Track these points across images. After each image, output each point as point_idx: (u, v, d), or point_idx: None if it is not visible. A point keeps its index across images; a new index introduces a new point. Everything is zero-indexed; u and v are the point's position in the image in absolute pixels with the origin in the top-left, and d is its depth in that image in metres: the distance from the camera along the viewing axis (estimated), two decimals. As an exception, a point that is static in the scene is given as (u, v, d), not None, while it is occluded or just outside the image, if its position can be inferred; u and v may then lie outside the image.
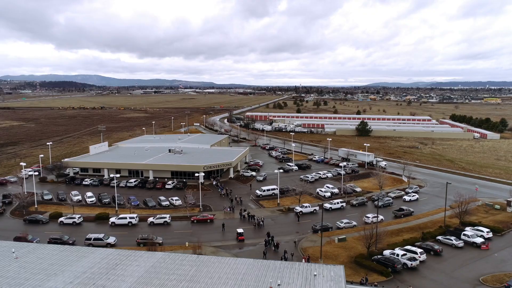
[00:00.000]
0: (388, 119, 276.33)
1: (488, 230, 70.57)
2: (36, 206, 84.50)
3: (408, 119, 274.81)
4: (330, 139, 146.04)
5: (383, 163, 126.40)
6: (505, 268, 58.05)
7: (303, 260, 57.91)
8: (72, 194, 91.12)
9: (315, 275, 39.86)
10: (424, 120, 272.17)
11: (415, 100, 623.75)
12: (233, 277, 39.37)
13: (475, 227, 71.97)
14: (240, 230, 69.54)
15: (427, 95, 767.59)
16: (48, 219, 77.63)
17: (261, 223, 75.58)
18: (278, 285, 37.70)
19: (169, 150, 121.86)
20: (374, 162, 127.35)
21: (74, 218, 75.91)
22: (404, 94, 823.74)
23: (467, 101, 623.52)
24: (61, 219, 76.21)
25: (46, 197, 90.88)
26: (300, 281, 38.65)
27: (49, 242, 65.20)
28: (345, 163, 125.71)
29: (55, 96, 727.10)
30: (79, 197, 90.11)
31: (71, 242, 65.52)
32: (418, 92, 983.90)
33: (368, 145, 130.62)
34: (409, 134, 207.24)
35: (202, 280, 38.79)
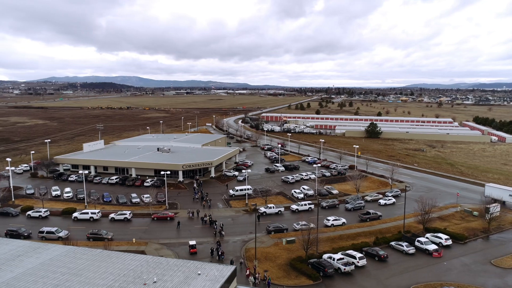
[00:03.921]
0: (407, 121, 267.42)
1: (447, 237, 66.90)
2: (13, 199, 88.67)
3: (429, 121, 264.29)
4: (323, 140, 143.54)
5: None
6: (446, 278, 54.86)
7: (247, 271, 57.03)
8: (52, 189, 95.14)
9: (199, 274, 39.65)
10: (445, 122, 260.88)
11: (448, 102, 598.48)
12: (115, 272, 39.89)
13: (434, 234, 68.45)
14: (192, 242, 63.91)
15: (463, 97, 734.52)
16: (18, 212, 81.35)
17: (222, 232, 70.98)
18: (154, 282, 37.89)
19: (158, 149, 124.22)
20: None
21: (40, 212, 79.09)
22: (439, 95, 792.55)
23: (505, 103, 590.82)
24: (28, 212, 79.68)
25: (28, 192, 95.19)
26: (178, 279, 38.60)
27: (5, 234, 68.59)
28: (335, 165, 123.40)
29: (91, 97, 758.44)
30: (58, 192, 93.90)
31: (26, 234, 68.47)
32: (457, 93, 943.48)
33: (357, 146, 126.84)
34: (421, 137, 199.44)
35: (86, 274, 39.55)
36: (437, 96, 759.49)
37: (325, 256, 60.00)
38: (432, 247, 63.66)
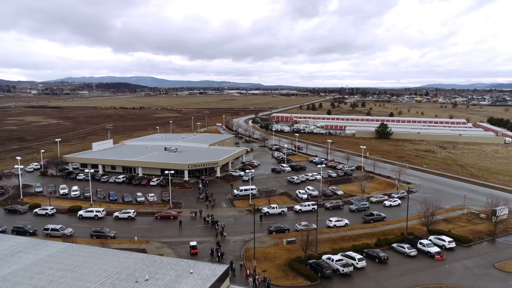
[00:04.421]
0: (419, 122, 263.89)
1: (450, 240, 65.83)
2: (21, 197, 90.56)
3: (441, 122, 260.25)
4: (330, 141, 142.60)
5: None
6: (446, 281, 53.96)
7: (247, 271, 57.20)
8: (60, 187, 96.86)
9: (191, 273, 39.92)
10: (459, 123, 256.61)
11: (464, 102, 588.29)
12: (110, 269, 40.45)
13: (438, 236, 67.43)
14: (193, 243, 63.53)
15: (479, 97, 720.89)
16: (26, 209, 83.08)
17: (224, 233, 70.78)
18: (146, 280, 38.30)
19: (165, 149, 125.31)
20: None
21: (47, 209, 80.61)
22: (455, 96, 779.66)
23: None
24: (35, 210, 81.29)
25: (37, 190, 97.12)
26: (170, 278, 38.93)
27: (12, 231, 70.16)
28: (342, 165, 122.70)
29: (106, 97, 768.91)
30: (66, 191, 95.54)
31: (31, 231, 69.91)
32: (473, 94, 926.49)
33: (364, 147, 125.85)
34: (433, 138, 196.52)
35: (80, 270, 40.22)
36: (452, 97, 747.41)
37: (324, 257, 59.68)
38: (434, 249, 62.71)
